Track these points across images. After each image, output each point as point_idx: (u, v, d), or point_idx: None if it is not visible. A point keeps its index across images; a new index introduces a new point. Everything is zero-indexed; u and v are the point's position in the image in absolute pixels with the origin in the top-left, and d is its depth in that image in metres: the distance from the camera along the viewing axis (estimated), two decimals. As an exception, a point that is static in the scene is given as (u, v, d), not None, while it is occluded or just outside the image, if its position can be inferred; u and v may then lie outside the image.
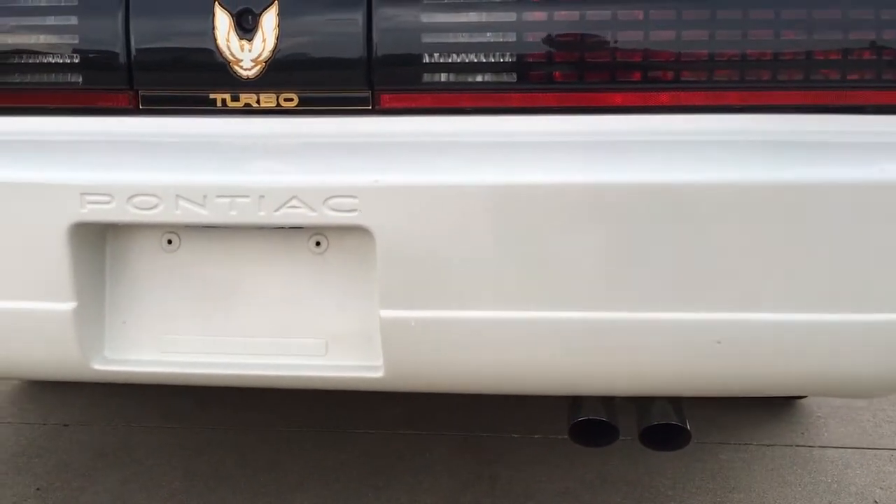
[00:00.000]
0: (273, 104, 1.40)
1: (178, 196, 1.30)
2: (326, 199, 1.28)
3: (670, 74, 1.34)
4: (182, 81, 1.41)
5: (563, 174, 1.29)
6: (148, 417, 2.67)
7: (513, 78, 1.36)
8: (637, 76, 1.34)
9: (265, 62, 1.38)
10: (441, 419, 2.61)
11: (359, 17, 1.35)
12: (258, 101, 1.40)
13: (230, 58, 1.38)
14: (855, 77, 1.32)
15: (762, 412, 2.69)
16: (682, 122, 1.35)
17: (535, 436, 2.49)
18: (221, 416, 2.66)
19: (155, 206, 1.31)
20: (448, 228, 1.28)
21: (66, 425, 2.63)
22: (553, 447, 2.41)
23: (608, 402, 1.52)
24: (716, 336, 1.29)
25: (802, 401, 2.79)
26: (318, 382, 1.41)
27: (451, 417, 2.62)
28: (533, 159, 1.32)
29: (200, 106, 1.41)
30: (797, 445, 2.48)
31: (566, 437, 1.53)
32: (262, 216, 1.30)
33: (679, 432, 1.49)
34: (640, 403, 1.53)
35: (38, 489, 2.24)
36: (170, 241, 1.41)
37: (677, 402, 1.53)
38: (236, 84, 1.39)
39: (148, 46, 1.40)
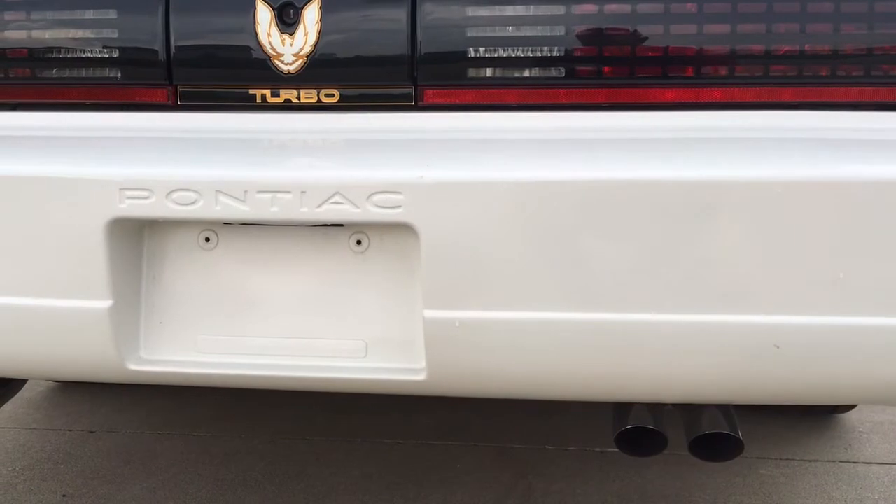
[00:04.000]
0: (314, 100, 1.37)
1: (218, 192, 1.27)
2: (370, 196, 1.24)
3: (724, 70, 1.29)
4: (221, 77, 1.38)
5: (611, 171, 1.25)
6: (174, 425, 2.64)
7: (560, 73, 1.32)
8: (689, 72, 1.30)
9: (307, 57, 1.35)
10: (473, 430, 2.56)
11: (402, 11, 1.32)
12: (299, 97, 1.37)
13: (271, 52, 1.35)
14: (918, 73, 1.27)
15: (803, 427, 2.62)
16: (735, 119, 1.31)
17: (570, 448, 2.43)
18: (249, 424, 2.62)
19: (194, 202, 1.27)
20: (494, 226, 1.24)
21: (92, 432, 2.60)
22: (588, 459, 2.35)
23: (656, 410, 1.47)
24: (774, 340, 1.24)
25: (843, 415, 2.72)
26: (358, 385, 1.37)
27: (483, 428, 2.56)
28: (581, 156, 1.28)
29: (240, 101, 1.38)
30: (841, 461, 2.41)
31: (601, 449, 1.49)
32: (304, 212, 1.26)
33: (731, 442, 1.44)
34: (690, 413, 1.48)
35: (64, 496, 2.21)
36: (207, 239, 1.38)
37: (727, 411, 1.47)
38: (277, 79, 1.36)
39: (187, 41, 1.37)
